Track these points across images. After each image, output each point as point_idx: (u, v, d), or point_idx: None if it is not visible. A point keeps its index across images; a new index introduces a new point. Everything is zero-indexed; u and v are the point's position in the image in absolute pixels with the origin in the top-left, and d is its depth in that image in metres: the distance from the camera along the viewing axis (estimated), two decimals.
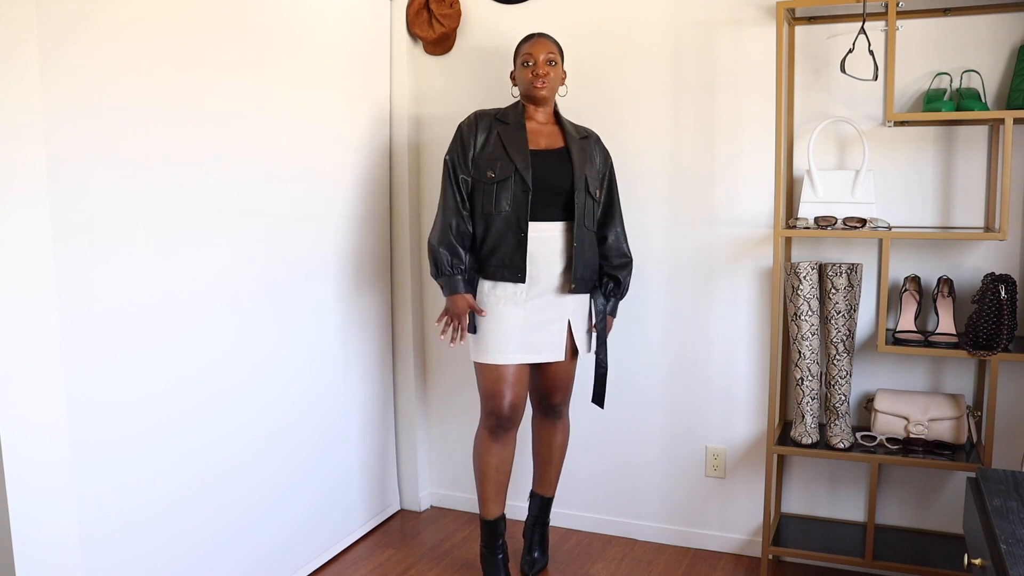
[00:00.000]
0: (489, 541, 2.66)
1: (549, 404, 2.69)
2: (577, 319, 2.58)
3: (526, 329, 2.50)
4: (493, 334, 2.49)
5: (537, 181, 2.45)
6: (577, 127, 2.62)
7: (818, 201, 2.55)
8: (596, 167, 2.58)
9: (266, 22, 2.45)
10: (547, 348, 2.53)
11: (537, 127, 2.55)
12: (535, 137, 2.52)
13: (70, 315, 1.88)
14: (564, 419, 2.76)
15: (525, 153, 2.46)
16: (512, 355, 2.49)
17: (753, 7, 2.68)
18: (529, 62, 2.50)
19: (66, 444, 1.85)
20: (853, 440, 2.57)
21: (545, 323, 2.52)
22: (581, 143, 2.56)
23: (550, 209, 2.48)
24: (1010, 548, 1.44)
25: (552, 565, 2.82)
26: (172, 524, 2.19)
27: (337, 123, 2.80)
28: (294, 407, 2.64)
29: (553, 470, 2.78)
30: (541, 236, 2.48)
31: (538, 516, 2.81)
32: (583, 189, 2.50)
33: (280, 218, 2.54)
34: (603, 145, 2.66)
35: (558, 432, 2.75)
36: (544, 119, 2.57)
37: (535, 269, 2.49)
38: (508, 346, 2.49)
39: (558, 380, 2.64)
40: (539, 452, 2.78)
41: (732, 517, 2.90)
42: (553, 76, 2.51)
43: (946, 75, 2.50)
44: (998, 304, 2.35)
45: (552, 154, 2.51)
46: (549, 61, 2.51)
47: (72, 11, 1.85)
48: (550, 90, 2.52)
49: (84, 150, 1.90)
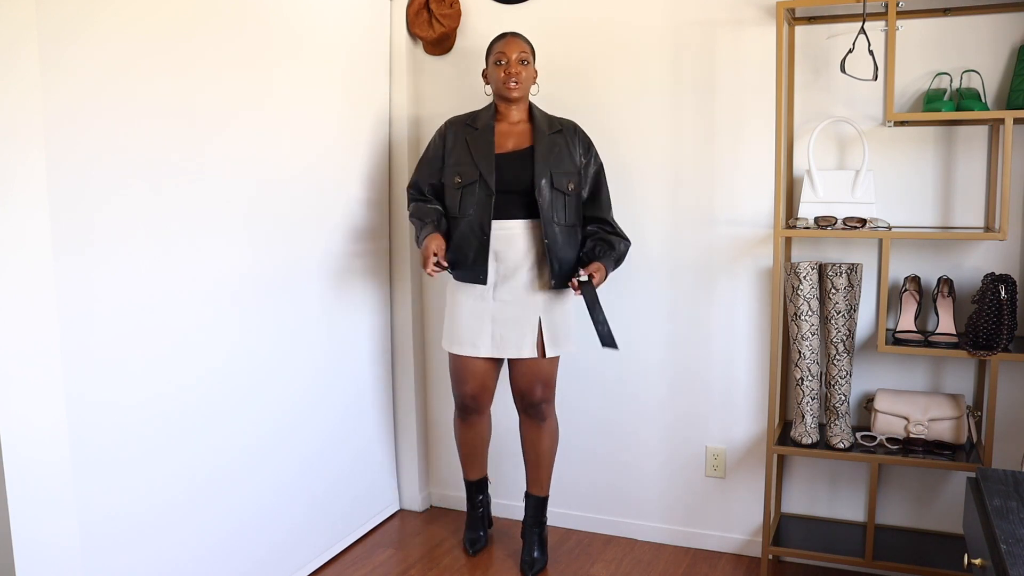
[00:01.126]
0: (469, 497, 2.94)
1: (529, 402, 2.68)
2: (549, 318, 2.60)
3: (496, 323, 2.58)
4: (462, 327, 2.61)
5: (500, 184, 2.53)
6: (553, 121, 2.63)
7: (818, 201, 2.55)
8: (572, 159, 2.59)
9: (266, 22, 2.44)
10: (514, 344, 2.59)
11: (508, 127, 2.61)
12: (504, 138, 2.59)
13: (70, 316, 1.88)
14: (549, 421, 2.75)
15: (489, 158, 2.54)
16: (480, 348, 2.60)
17: (753, 7, 2.68)
18: (501, 61, 2.55)
19: (66, 445, 1.85)
20: (853, 440, 2.57)
21: (515, 320, 2.57)
22: (551, 139, 2.58)
23: (515, 209, 2.55)
24: (1010, 548, 1.44)
25: (552, 565, 2.82)
26: (172, 525, 2.19)
27: (337, 123, 2.79)
28: (294, 407, 2.64)
29: (543, 472, 2.78)
30: (507, 234, 2.55)
31: (534, 516, 2.81)
32: (547, 186, 2.52)
33: (280, 218, 2.54)
34: (584, 135, 2.66)
35: (544, 436, 2.74)
36: (517, 118, 2.62)
37: (503, 267, 2.56)
38: (476, 338, 2.60)
39: (532, 377, 2.64)
40: (527, 455, 2.78)
41: (732, 517, 2.90)
42: (526, 75, 2.57)
43: (946, 75, 2.50)
44: (998, 304, 2.35)
45: (517, 155, 2.56)
46: (521, 60, 2.55)
47: (72, 11, 1.85)
48: (522, 90, 2.57)
49: (84, 150, 1.90)
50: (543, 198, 2.52)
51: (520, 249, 2.56)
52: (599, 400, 3.02)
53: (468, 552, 2.90)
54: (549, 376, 2.66)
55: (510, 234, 2.56)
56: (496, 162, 2.54)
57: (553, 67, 2.91)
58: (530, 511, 2.81)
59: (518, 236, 2.56)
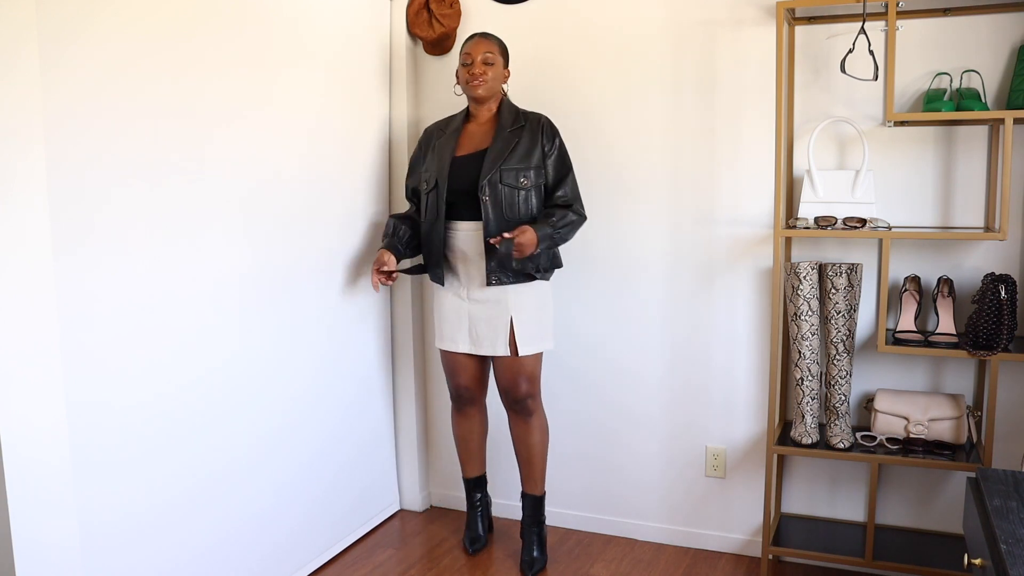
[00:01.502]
0: (469, 496, 2.97)
1: (514, 398, 2.70)
2: (521, 317, 2.62)
3: (473, 322, 2.67)
4: (445, 323, 2.72)
5: (453, 186, 2.60)
6: (519, 116, 2.65)
7: (818, 201, 2.55)
8: (533, 153, 2.59)
9: (266, 22, 2.44)
10: (489, 343, 2.65)
11: (476, 128, 2.68)
12: (470, 140, 2.66)
13: (70, 315, 1.88)
14: (536, 416, 2.75)
15: (445, 161, 2.62)
16: (460, 344, 2.70)
17: (753, 7, 2.68)
18: (467, 61, 2.61)
19: (66, 445, 1.85)
20: (853, 440, 2.57)
21: (487, 319, 2.64)
22: (509, 136, 2.60)
23: (473, 210, 2.59)
24: (1010, 548, 1.44)
25: (552, 565, 2.82)
26: (172, 525, 2.19)
27: (336, 122, 2.79)
28: (294, 407, 2.64)
29: (536, 469, 2.78)
30: (466, 235, 2.61)
31: (532, 515, 2.80)
32: (495, 185, 2.54)
33: (279, 218, 2.54)
34: (549, 126, 2.65)
35: (532, 431, 2.75)
36: (485, 117, 2.68)
37: (467, 267, 2.63)
38: (456, 335, 2.70)
39: (514, 373, 2.66)
40: (518, 452, 2.79)
41: (732, 517, 2.90)
42: (492, 75, 2.61)
43: (946, 75, 2.50)
44: (998, 304, 2.35)
45: (474, 156, 2.61)
46: (486, 60, 2.61)
47: (73, 10, 1.85)
48: (487, 89, 2.62)
49: (84, 150, 1.90)
50: (485, 196, 2.54)
51: (478, 251, 2.60)
52: (599, 400, 3.02)
53: (468, 552, 2.90)
54: (532, 372, 2.68)
55: (469, 235, 2.60)
56: (453, 165, 2.61)
57: (552, 67, 2.91)
58: (527, 510, 2.81)
59: (476, 238, 2.60)
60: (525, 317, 2.63)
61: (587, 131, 2.88)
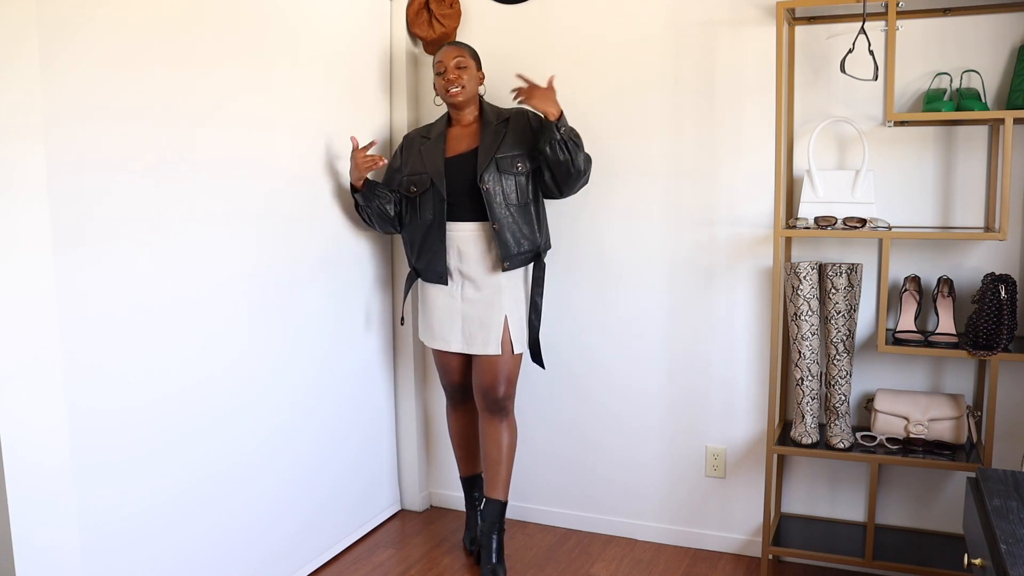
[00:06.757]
0: (467, 495, 2.98)
1: (492, 398, 2.69)
2: (515, 315, 2.63)
3: (465, 321, 2.67)
4: (436, 322, 2.72)
5: (451, 186, 2.60)
6: (502, 112, 2.69)
7: (818, 201, 2.55)
8: (523, 138, 2.61)
9: (266, 22, 2.45)
10: (481, 342, 2.64)
11: (461, 131, 2.70)
12: (457, 143, 2.67)
13: (70, 316, 1.88)
14: (510, 418, 2.75)
15: (439, 163, 2.63)
16: (451, 344, 2.70)
17: (753, 7, 2.68)
18: (441, 70, 2.65)
19: (66, 446, 1.85)
20: (853, 440, 2.57)
21: (480, 318, 2.64)
22: (497, 129, 2.63)
23: (471, 210, 2.61)
24: (1010, 548, 1.44)
25: (552, 565, 2.82)
26: (173, 526, 2.19)
27: (337, 122, 2.79)
28: (295, 408, 2.64)
29: (503, 471, 2.73)
30: (467, 235, 2.61)
31: (493, 521, 2.72)
32: (493, 175, 2.57)
33: (280, 217, 2.54)
34: (534, 112, 2.66)
35: (504, 431, 2.73)
36: (469, 120, 2.71)
37: (466, 267, 2.63)
38: (448, 335, 2.70)
39: (495, 374, 2.65)
40: (487, 452, 2.74)
41: (732, 517, 2.90)
42: (467, 79, 2.64)
43: (946, 75, 2.50)
44: (998, 304, 2.35)
45: (466, 156, 2.63)
46: (459, 65, 2.63)
47: (73, 9, 1.85)
48: (465, 94, 2.65)
49: (84, 149, 1.90)
50: (486, 186, 2.56)
51: (481, 249, 2.61)
52: (598, 401, 3.02)
53: (468, 552, 2.90)
54: (512, 373, 2.69)
55: (469, 235, 2.62)
56: (447, 166, 2.62)
57: (552, 67, 2.91)
58: (489, 516, 2.73)
59: (478, 237, 2.61)
60: (519, 316, 2.65)
61: (587, 131, 2.88)
